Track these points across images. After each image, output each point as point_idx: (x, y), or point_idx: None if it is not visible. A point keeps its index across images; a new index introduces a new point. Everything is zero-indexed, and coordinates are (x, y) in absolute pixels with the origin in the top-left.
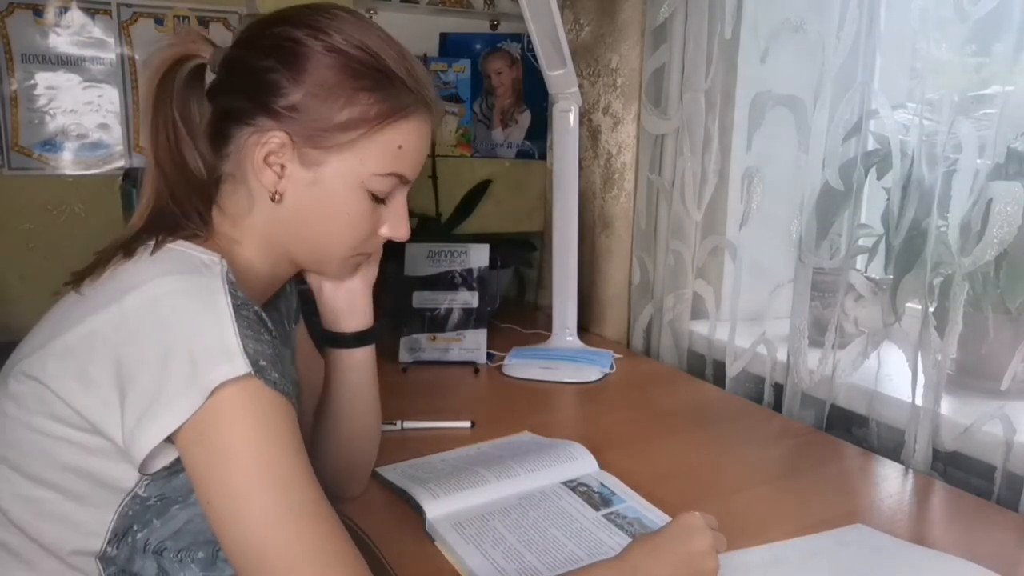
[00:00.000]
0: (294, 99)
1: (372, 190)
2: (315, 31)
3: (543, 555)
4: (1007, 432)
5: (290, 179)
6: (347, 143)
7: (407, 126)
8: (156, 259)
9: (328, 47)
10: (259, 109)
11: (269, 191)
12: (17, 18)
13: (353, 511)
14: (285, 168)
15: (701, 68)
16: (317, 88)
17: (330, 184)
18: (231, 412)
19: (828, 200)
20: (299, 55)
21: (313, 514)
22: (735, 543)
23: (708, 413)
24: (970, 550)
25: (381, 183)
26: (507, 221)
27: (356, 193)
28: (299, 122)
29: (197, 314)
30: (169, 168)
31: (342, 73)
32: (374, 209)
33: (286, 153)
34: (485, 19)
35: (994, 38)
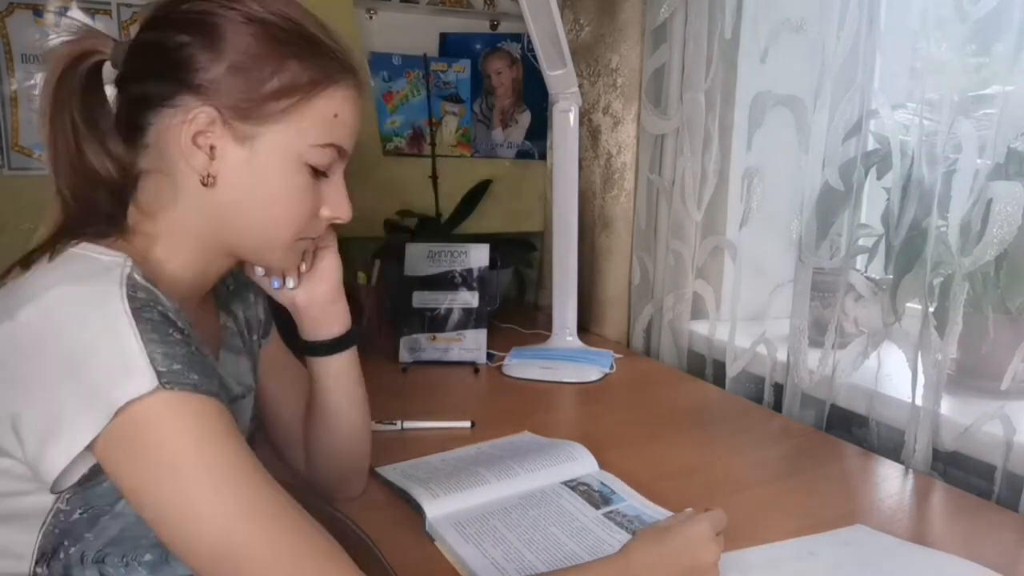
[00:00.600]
0: (217, 71)
1: (311, 163)
2: (228, 1)
3: (543, 554)
4: (1007, 432)
5: (223, 159)
6: (281, 112)
7: (339, 94)
8: (52, 266)
9: (246, 16)
10: (179, 88)
11: (200, 174)
12: (17, 18)
13: (353, 511)
14: (215, 148)
15: (701, 68)
16: (242, 57)
17: (267, 159)
18: (154, 427)
19: (828, 200)
20: (215, 26)
21: (271, 510)
22: (735, 543)
23: (708, 413)
24: (970, 550)
25: (320, 155)
26: (507, 221)
27: (295, 167)
28: (226, 94)
29: (93, 324)
30: (68, 173)
31: (266, 41)
32: (314, 186)
33: (216, 130)
34: (485, 19)
35: (994, 38)
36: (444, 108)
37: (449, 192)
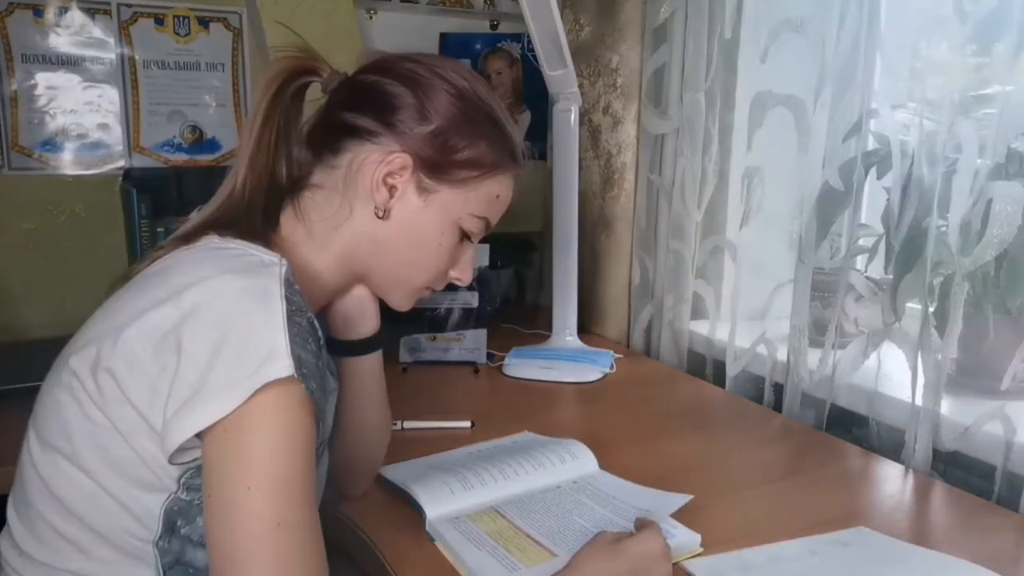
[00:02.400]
0: (425, 128)
1: (465, 228)
2: (440, 70)
3: (547, 533)
4: (1007, 432)
5: (401, 200)
6: (460, 180)
7: (506, 179)
8: (217, 255)
9: (456, 89)
10: (387, 129)
11: (378, 207)
12: (17, 18)
13: (353, 511)
14: (397, 189)
15: (701, 68)
16: (447, 123)
17: (435, 213)
18: (264, 412)
19: (828, 200)
20: (431, 88)
21: (300, 535)
22: (735, 543)
23: (708, 413)
24: (970, 550)
25: (474, 224)
26: (507, 221)
27: (452, 227)
28: (423, 150)
29: (251, 313)
30: (260, 169)
31: (466, 116)
32: (457, 247)
33: (405, 175)
34: (485, 19)
35: (994, 38)
36: None
37: None
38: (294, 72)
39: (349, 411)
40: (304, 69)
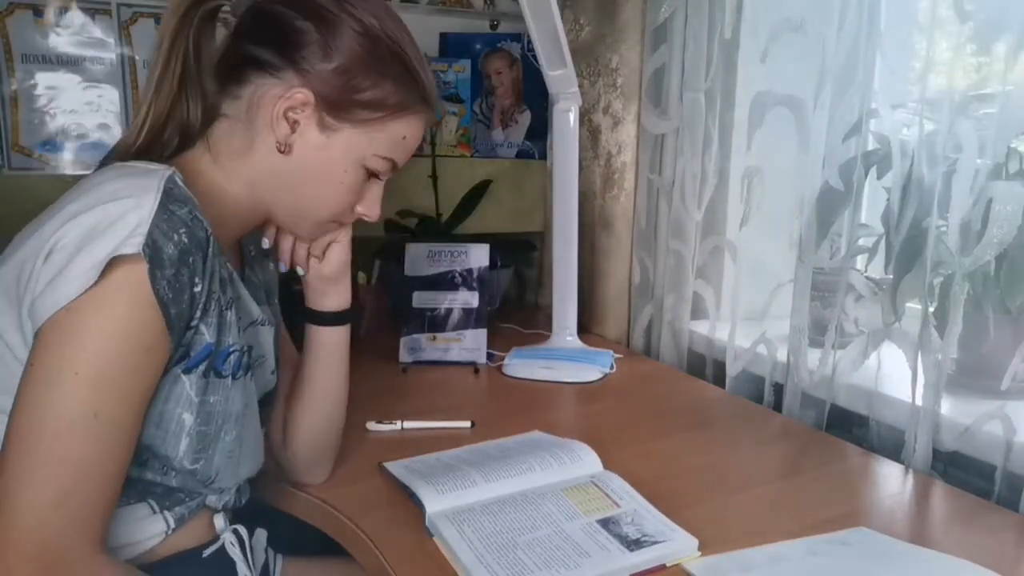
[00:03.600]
0: (327, 66)
1: (370, 167)
2: (349, 6)
3: (539, 554)
4: (1007, 432)
5: (302, 137)
6: (363, 120)
7: (414, 121)
8: (107, 173)
9: (365, 27)
10: (288, 64)
11: (279, 142)
12: (17, 18)
13: (353, 511)
14: (299, 124)
15: (701, 68)
16: (351, 62)
17: (337, 150)
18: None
19: (828, 200)
20: (336, 26)
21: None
22: (736, 543)
23: (708, 413)
24: (970, 550)
25: (379, 164)
26: (507, 221)
27: (355, 166)
28: (325, 87)
29: (123, 202)
30: (165, 97)
31: (373, 55)
32: (362, 184)
33: (306, 111)
34: (485, 19)
35: (994, 38)
36: (444, 108)
37: (449, 192)
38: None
39: (311, 380)
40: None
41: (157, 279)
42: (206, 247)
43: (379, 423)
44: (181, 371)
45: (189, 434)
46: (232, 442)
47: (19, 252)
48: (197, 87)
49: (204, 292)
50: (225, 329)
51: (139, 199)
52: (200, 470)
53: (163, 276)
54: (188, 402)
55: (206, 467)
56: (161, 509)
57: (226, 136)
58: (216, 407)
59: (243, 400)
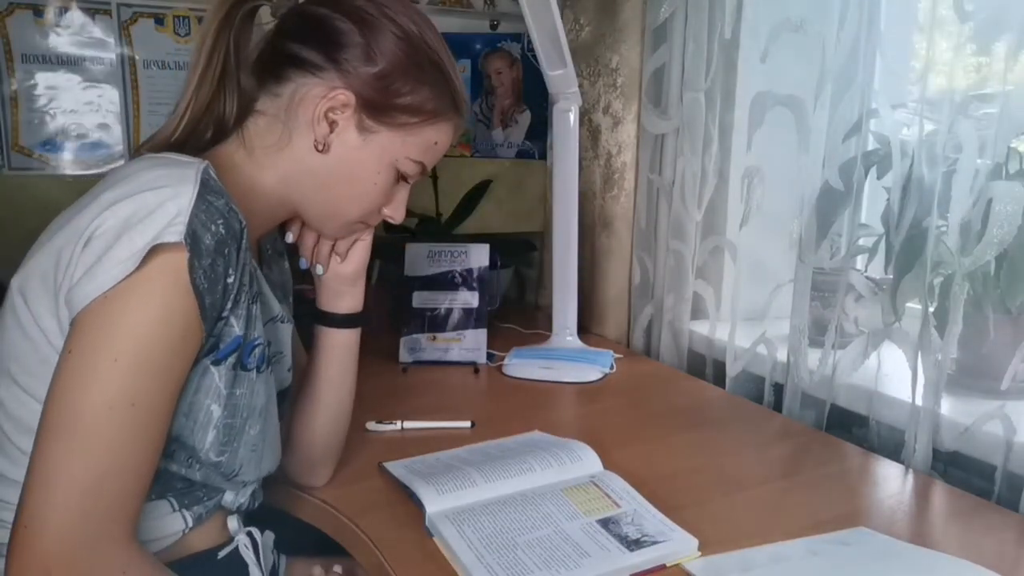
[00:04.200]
0: (369, 69)
1: (402, 171)
2: (389, 11)
3: (539, 554)
4: (1007, 432)
5: (340, 136)
6: (400, 124)
7: (446, 127)
8: (142, 163)
9: (404, 32)
10: (332, 65)
11: (318, 142)
12: (17, 18)
13: (353, 511)
14: (338, 125)
15: (701, 68)
16: (392, 67)
17: (373, 152)
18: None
19: (828, 200)
20: (377, 29)
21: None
22: (736, 543)
23: (708, 413)
24: (970, 550)
25: (410, 167)
26: (507, 221)
27: (389, 168)
28: (366, 90)
29: (162, 190)
30: (205, 94)
31: (412, 61)
32: (392, 187)
33: (347, 113)
34: (485, 19)
35: (994, 38)
36: None
37: (449, 192)
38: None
39: (319, 383)
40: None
41: (195, 268)
42: (240, 239)
43: (379, 423)
44: (210, 362)
45: (216, 426)
46: (256, 436)
47: (55, 239)
48: (235, 83)
49: (236, 284)
50: (252, 323)
51: (177, 188)
52: (225, 463)
53: (200, 266)
54: (217, 393)
55: (231, 460)
56: (180, 507)
57: (263, 132)
58: (242, 400)
59: (266, 394)
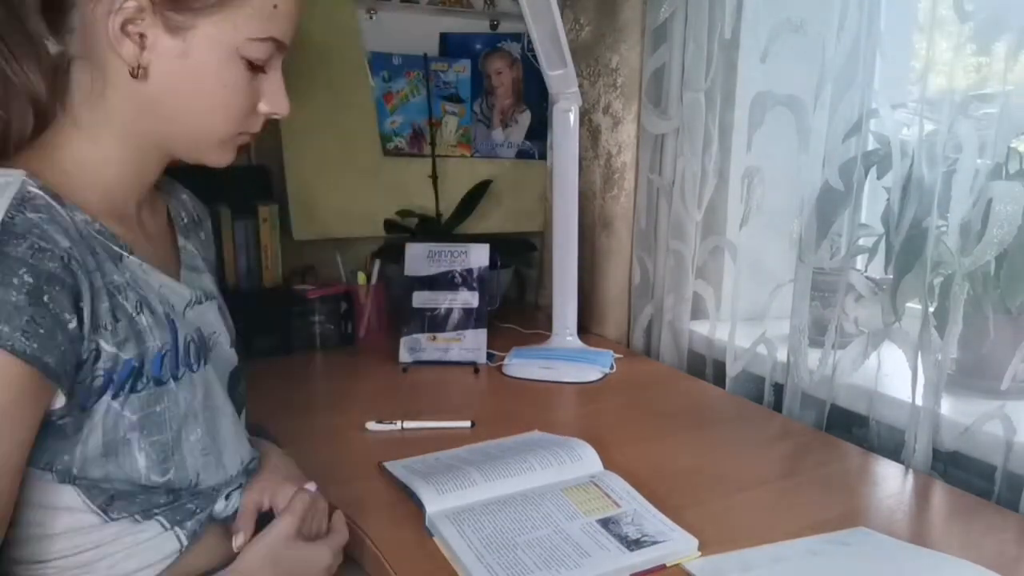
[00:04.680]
0: None
1: (248, 57)
2: None
3: (539, 554)
4: (1007, 432)
5: (154, 50)
6: (216, 4)
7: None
8: None
9: None
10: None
11: (130, 65)
12: None
13: (353, 511)
14: (146, 37)
15: (701, 68)
16: None
17: (202, 52)
18: None
19: (828, 200)
20: None
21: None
22: (736, 543)
23: (708, 413)
24: (970, 550)
25: (258, 49)
26: (507, 221)
27: (232, 61)
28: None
29: None
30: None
31: None
32: (251, 80)
33: (146, 19)
34: (485, 19)
35: (994, 38)
36: (444, 108)
37: (449, 192)
38: None
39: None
40: None
41: (3, 336)
42: (67, 274)
43: (379, 423)
44: (110, 398)
45: (142, 448)
46: (201, 438)
47: None
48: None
49: (87, 318)
50: (145, 335)
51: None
52: (174, 479)
53: (13, 328)
54: (129, 424)
55: (180, 474)
56: (172, 525)
57: (78, 85)
58: (165, 415)
59: (200, 394)
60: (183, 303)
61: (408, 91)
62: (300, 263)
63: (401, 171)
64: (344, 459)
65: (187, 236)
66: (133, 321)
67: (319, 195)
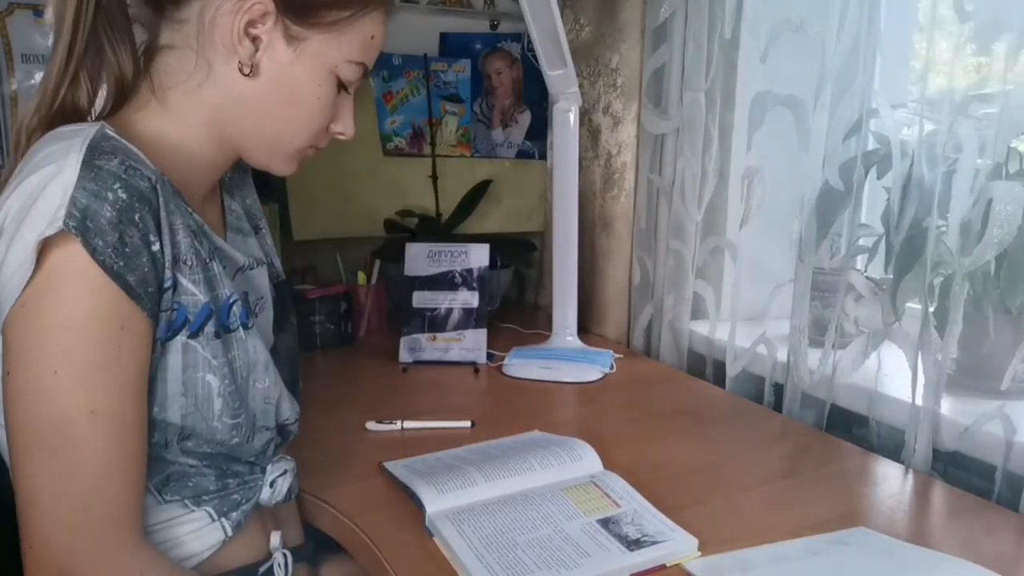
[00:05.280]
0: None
1: (343, 77)
2: None
3: (539, 554)
4: (1007, 432)
5: (268, 53)
6: (331, 23)
7: (379, 16)
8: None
9: None
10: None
11: (243, 63)
12: (17, 18)
13: (353, 511)
14: (262, 40)
15: (701, 68)
16: None
17: (308, 64)
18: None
19: (828, 200)
20: None
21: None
22: (736, 543)
23: (708, 413)
24: (970, 550)
25: (352, 71)
26: (507, 221)
27: (328, 77)
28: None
29: (47, 174)
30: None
31: None
32: (336, 98)
33: (268, 23)
34: (485, 19)
35: (994, 38)
36: (444, 108)
37: (449, 192)
38: None
39: None
40: None
41: (99, 250)
42: (153, 197)
43: (379, 423)
44: (187, 337)
45: (221, 394)
46: (268, 388)
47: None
48: (122, 25)
49: (168, 248)
50: (217, 282)
51: (61, 163)
52: (243, 423)
53: (106, 244)
54: (207, 364)
55: (248, 419)
56: (219, 515)
57: (174, 70)
58: (237, 362)
59: (264, 345)
60: (235, 267)
61: (408, 91)
62: (300, 263)
63: (401, 171)
64: (344, 459)
65: (232, 193)
66: (207, 266)
67: (319, 195)
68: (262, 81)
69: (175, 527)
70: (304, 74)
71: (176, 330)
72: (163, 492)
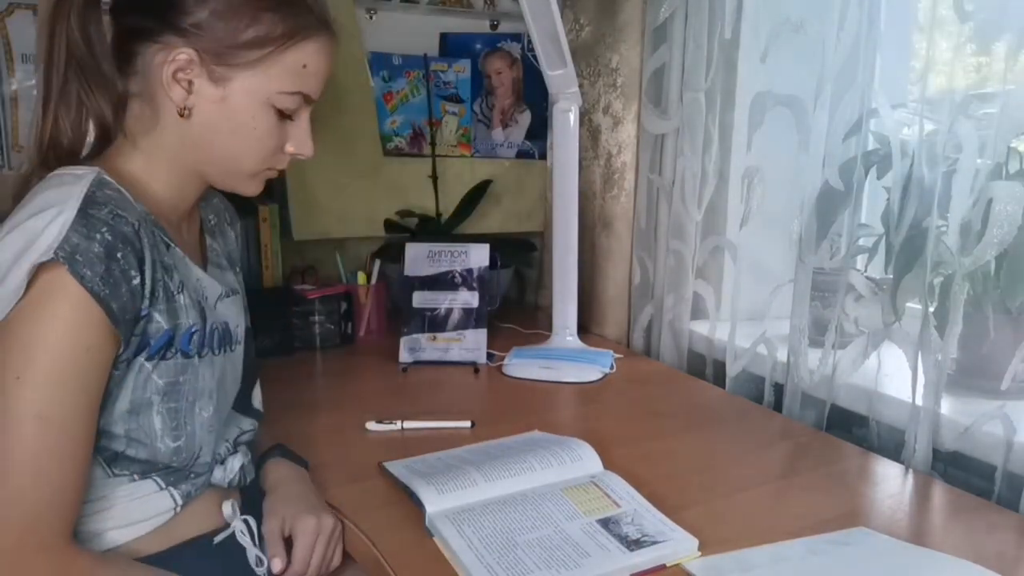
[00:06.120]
0: (199, 17)
1: (278, 107)
2: None
3: (539, 554)
4: (1007, 432)
5: (199, 95)
6: (253, 61)
7: (310, 47)
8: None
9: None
10: (165, 27)
11: (178, 107)
12: (17, 18)
13: (353, 511)
14: (193, 84)
15: (701, 68)
16: (222, 7)
17: (238, 100)
18: (36, 301)
19: (828, 200)
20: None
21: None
22: (736, 543)
23: (708, 413)
24: (970, 550)
25: (287, 100)
26: (507, 221)
27: (263, 109)
28: (205, 39)
29: (46, 216)
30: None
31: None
32: (280, 125)
33: (194, 70)
34: (485, 19)
35: (994, 38)
36: (444, 108)
37: (449, 192)
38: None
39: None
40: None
41: (87, 278)
42: (136, 240)
43: (379, 423)
44: (144, 359)
45: (159, 412)
46: (211, 417)
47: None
48: (98, 77)
49: (148, 282)
50: (180, 312)
51: (61, 207)
52: (184, 447)
53: (94, 273)
54: (155, 387)
55: (189, 443)
56: (167, 485)
57: (138, 117)
58: (185, 385)
59: (217, 376)
60: (215, 296)
61: (408, 91)
62: (300, 263)
63: (401, 171)
64: (344, 459)
65: (213, 236)
66: (173, 297)
67: (319, 195)
68: (199, 120)
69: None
70: (237, 110)
71: (136, 352)
72: (112, 467)
